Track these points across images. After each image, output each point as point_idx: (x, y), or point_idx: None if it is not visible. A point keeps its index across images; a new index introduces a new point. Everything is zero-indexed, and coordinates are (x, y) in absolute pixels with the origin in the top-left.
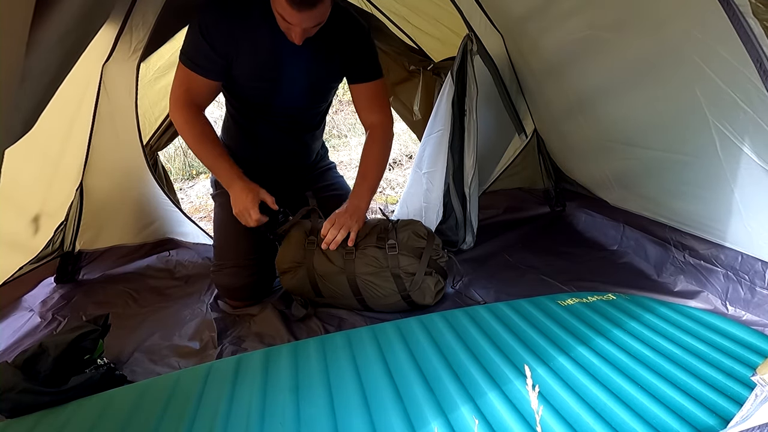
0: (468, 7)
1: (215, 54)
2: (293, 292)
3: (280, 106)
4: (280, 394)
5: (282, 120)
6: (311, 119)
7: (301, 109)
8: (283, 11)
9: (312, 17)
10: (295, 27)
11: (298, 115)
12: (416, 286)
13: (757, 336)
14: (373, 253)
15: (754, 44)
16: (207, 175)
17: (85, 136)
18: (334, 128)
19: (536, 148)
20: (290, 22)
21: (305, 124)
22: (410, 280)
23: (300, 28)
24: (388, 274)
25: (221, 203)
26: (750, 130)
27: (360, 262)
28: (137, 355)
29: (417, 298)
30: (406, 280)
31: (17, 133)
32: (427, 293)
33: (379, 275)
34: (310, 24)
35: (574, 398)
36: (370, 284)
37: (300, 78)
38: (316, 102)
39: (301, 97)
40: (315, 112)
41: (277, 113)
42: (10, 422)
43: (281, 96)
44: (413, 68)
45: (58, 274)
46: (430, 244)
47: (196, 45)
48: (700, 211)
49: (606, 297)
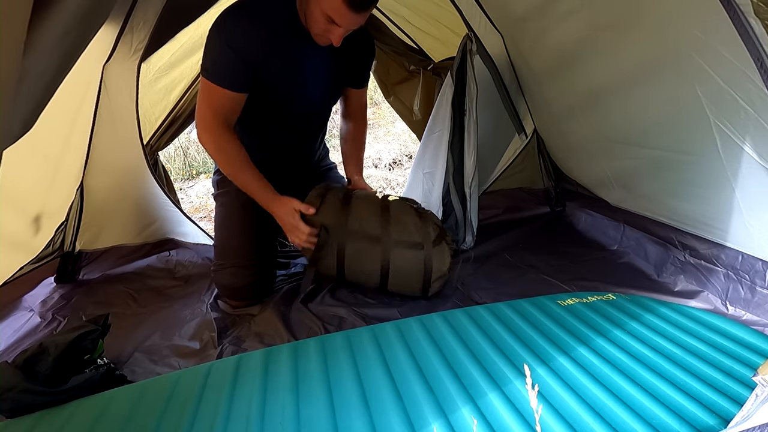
0: (468, 7)
1: (243, 65)
2: (318, 265)
3: (298, 108)
4: (280, 394)
5: (295, 122)
6: (321, 120)
7: (316, 112)
8: (334, 12)
9: (363, 18)
10: (340, 29)
11: (312, 117)
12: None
13: (757, 336)
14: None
15: (755, 44)
16: (207, 175)
17: (86, 136)
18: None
19: (536, 148)
20: (340, 24)
21: (315, 125)
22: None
23: (345, 30)
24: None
25: (222, 203)
26: (751, 129)
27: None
28: (137, 355)
29: (437, 262)
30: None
31: (16, 134)
32: (446, 254)
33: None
34: (357, 25)
35: (574, 398)
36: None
37: (320, 81)
38: (330, 103)
39: (319, 99)
40: (324, 115)
41: (293, 116)
42: (10, 422)
43: (302, 99)
44: (413, 68)
45: (58, 274)
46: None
47: (222, 58)
48: (700, 210)
49: (606, 297)
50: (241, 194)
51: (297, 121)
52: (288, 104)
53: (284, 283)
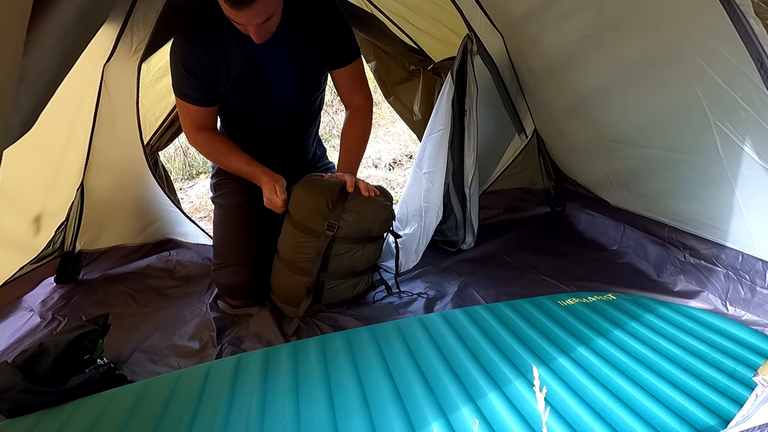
0: (468, 7)
1: (202, 84)
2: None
3: (275, 108)
4: (280, 394)
5: (278, 122)
6: (306, 116)
7: (296, 107)
8: (229, 14)
9: (257, 13)
10: (246, 26)
11: (293, 113)
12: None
13: (758, 336)
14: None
15: (754, 43)
16: (207, 175)
17: (86, 136)
18: (333, 128)
19: (536, 148)
20: (239, 22)
21: (301, 122)
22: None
23: (252, 26)
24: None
25: (221, 204)
26: (751, 129)
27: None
28: (137, 355)
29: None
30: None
31: (16, 133)
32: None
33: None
34: (259, 20)
35: (574, 398)
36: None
37: (285, 75)
38: (308, 95)
39: (293, 94)
40: (309, 108)
41: (273, 116)
42: (9, 422)
43: (274, 99)
44: (413, 68)
45: (59, 274)
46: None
47: (183, 80)
48: (700, 210)
49: (606, 297)
50: (239, 195)
51: (281, 121)
52: (262, 106)
53: None
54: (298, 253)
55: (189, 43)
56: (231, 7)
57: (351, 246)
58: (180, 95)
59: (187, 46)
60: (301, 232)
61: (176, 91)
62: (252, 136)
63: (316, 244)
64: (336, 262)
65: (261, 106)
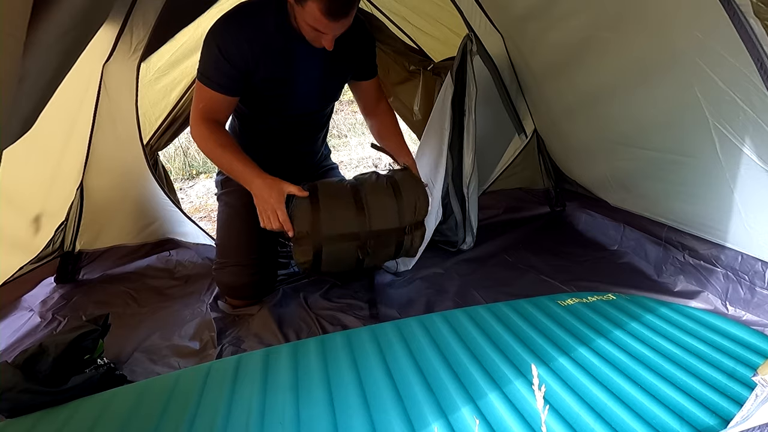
0: (468, 7)
1: (235, 71)
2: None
3: (294, 108)
4: (280, 394)
5: (293, 122)
6: (319, 120)
7: (313, 112)
8: (315, 22)
9: (346, 24)
10: (327, 35)
11: (309, 117)
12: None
13: (757, 336)
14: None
15: (754, 44)
16: (207, 175)
17: (86, 136)
18: (334, 128)
19: (536, 148)
20: (324, 31)
21: (314, 125)
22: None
23: (332, 36)
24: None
25: (226, 202)
26: (750, 130)
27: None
28: (137, 355)
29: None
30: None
31: (16, 133)
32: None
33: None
34: (341, 31)
35: (575, 398)
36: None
37: (314, 81)
38: (327, 103)
39: (315, 99)
40: (324, 113)
41: (290, 116)
42: (9, 422)
43: (296, 100)
44: (413, 68)
45: (58, 274)
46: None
47: (215, 65)
48: (699, 211)
49: (606, 297)
50: (244, 194)
51: (296, 121)
52: (285, 104)
53: (284, 283)
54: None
55: (233, 27)
56: (328, 19)
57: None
58: (203, 79)
59: (230, 29)
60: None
61: (201, 74)
62: (264, 132)
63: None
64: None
65: (282, 106)
